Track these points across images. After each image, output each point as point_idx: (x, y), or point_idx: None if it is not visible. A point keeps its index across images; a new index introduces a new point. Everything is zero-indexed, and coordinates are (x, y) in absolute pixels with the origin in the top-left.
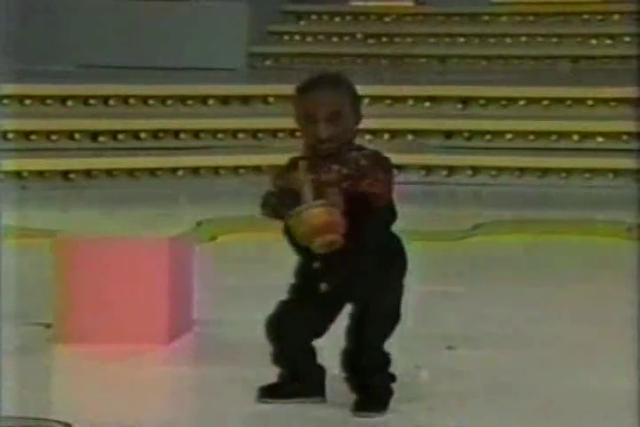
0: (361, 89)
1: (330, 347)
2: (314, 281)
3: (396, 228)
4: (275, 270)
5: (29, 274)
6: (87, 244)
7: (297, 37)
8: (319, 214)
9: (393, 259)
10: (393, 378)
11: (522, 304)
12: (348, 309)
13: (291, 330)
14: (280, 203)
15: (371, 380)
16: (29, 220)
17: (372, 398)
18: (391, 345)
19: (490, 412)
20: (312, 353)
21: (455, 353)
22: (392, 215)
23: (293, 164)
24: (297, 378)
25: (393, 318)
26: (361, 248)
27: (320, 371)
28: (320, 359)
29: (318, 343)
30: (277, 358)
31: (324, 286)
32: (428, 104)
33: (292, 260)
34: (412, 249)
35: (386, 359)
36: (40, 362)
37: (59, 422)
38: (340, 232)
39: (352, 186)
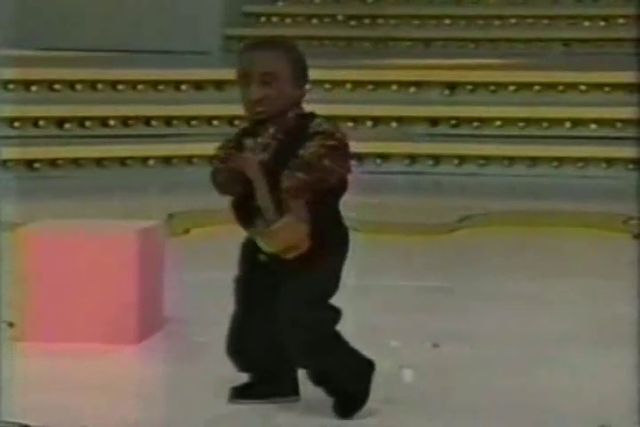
0: (342, 74)
1: None
2: (258, 270)
3: (381, 220)
4: None
5: None
6: (51, 237)
7: (274, 19)
8: (288, 235)
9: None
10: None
11: (511, 300)
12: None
13: (249, 346)
14: (229, 182)
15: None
16: None
17: (345, 401)
18: (375, 345)
19: (476, 412)
20: (279, 355)
21: (441, 351)
22: (341, 188)
23: (238, 141)
24: (269, 378)
25: (317, 292)
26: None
27: (292, 369)
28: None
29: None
30: (243, 369)
31: (262, 257)
32: (412, 90)
33: None
34: (396, 243)
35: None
36: (1, 362)
37: (20, 424)
38: (307, 243)
39: (315, 194)
